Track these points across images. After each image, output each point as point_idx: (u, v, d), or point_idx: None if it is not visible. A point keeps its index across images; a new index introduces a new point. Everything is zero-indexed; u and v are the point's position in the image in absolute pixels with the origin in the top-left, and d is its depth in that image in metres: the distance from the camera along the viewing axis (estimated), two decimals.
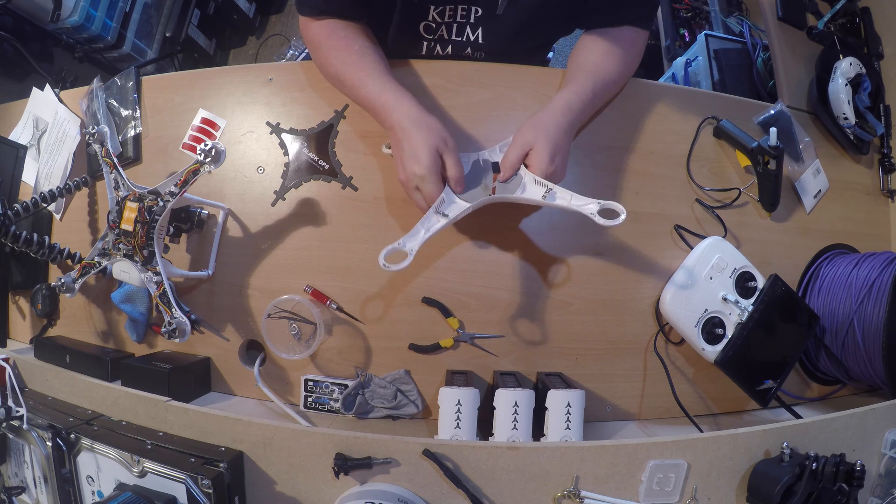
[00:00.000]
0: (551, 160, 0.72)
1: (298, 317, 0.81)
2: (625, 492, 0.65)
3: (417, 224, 0.72)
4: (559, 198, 0.72)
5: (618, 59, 0.81)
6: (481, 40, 0.85)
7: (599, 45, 0.82)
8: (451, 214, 0.73)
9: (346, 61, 0.78)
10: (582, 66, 0.81)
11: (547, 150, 0.72)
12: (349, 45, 0.79)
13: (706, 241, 0.82)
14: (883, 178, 1.01)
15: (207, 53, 2.16)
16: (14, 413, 0.74)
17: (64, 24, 1.60)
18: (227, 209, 0.85)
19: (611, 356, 0.84)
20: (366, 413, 0.80)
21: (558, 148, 0.73)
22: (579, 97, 0.76)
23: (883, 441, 0.72)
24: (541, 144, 0.73)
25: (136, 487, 0.66)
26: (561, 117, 0.74)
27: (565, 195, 0.72)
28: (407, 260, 0.70)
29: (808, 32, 1.03)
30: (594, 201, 0.70)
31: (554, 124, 0.74)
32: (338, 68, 0.78)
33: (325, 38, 0.80)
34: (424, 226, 0.72)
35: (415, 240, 0.71)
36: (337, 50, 0.79)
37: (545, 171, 0.72)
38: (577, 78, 0.79)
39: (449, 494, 0.64)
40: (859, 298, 0.82)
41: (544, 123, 0.74)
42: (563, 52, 2.32)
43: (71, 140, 0.94)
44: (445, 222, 0.72)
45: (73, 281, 0.76)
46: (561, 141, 0.74)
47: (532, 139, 0.73)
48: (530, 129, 0.74)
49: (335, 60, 0.79)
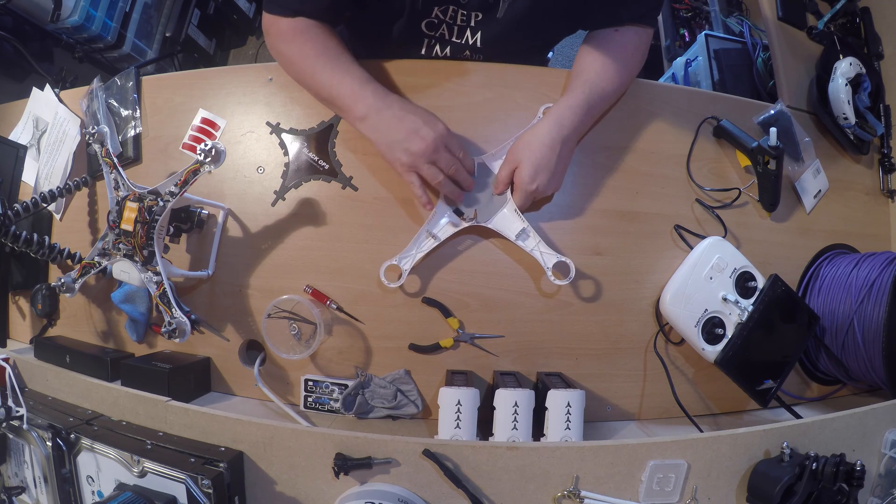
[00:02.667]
0: (531, 178, 0.75)
1: (298, 317, 0.81)
2: (625, 492, 0.65)
3: (410, 243, 0.79)
4: (529, 239, 0.79)
5: (618, 67, 0.80)
6: (480, 44, 0.85)
7: (601, 51, 0.81)
8: (442, 236, 0.79)
9: (321, 55, 0.77)
10: (580, 74, 0.80)
11: (528, 169, 0.75)
12: (326, 41, 0.77)
13: (706, 241, 0.82)
14: (883, 178, 1.01)
15: (207, 53, 2.16)
16: (14, 413, 0.74)
17: (64, 24, 1.59)
18: (227, 209, 0.85)
19: (611, 356, 0.84)
20: (366, 413, 0.80)
21: (541, 166, 0.75)
22: (572, 111, 0.77)
23: (883, 441, 0.72)
24: (524, 163, 0.76)
25: (136, 487, 0.66)
26: (547, 134, 0.76)
27: (534, 239, 0.79)
28: (402, 278, 0.78)
29: (808, 32, 1.03)
30: (555, 255, 0.78)
31: (538, 142, 0.76)
32: (314, 63, 0.77)
33: (297, 33, 0.77)
34: (416, 245, 0.79)
35: (407, 259, 0.79)
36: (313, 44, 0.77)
37: (526, 189, 0.76)
38: (573, 89, 0.79)
39: (449, 494, 0.64)
40: (859, 298, 0.82)
41: (529, 141, 0.77)
42: (564, 51, 2.32)
43: (71, 140, 0.94)
44: (434, 243, 0.79)
45: (73, 281, 0.76)
46: (545, 158, 0.75)
47: (518, 156, 0.77)
48: (518, 145, 0.78)
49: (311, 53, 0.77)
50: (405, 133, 0.73)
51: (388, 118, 0.74)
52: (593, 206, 0.84)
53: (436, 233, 0.79)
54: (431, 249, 0.79)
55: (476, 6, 0.79)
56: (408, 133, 0.73)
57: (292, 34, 0.78)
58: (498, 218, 0.79)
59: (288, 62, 0.81)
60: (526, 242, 0.79)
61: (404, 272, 0.78)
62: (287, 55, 0.80)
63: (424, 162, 0.73)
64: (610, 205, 0.84)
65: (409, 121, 0.73)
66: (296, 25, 0.77)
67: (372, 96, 0.74)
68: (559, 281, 0.77)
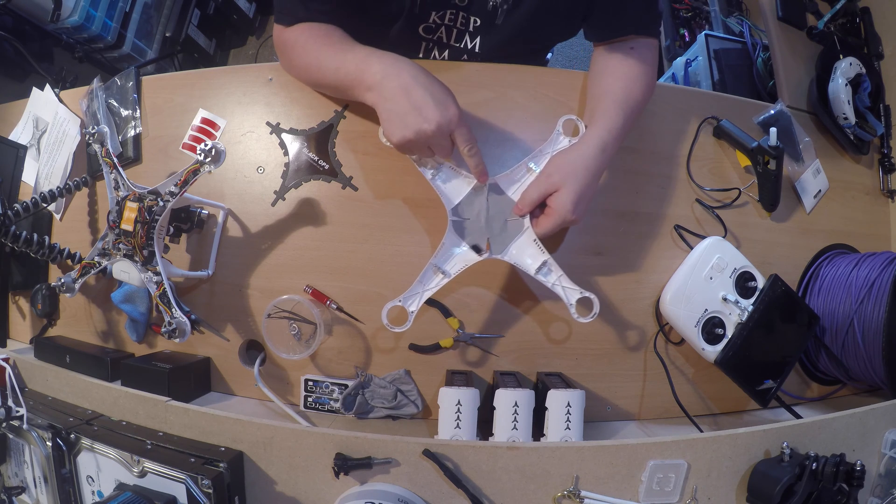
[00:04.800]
0: (575, 207, 0.68)
1: (298, 317, 0.81)
2: (625, 492, 0.65)
3: (415, 283, 0.71)
4: (552, 274, 0.71)
5: (643, 83, 0.78)
6: (478, 49, 0.85)
7: (624, 69, 0.77)
8: (452, 272, 0.71)
9: (326, 43, 0.73)
10: (609, 94, 0.76)
11: (572, 196, 0.68)
12: (329, 33, 0.75)
13: (706, 241, 0.82)
14: (883, 178, 1.01)
15: (207, 53, 2.16)
16: (14, 413, 0.74)
17: (64, 24, 1.59)
18: (227, 209, 0.85)
19: (611, 356, 0.84)
20: (366, 413, 0.80)
21: (585, 194, 0.69)
22: (612, 135, 0.72)
23: (883, 441, 0.72)
24: (568, 188, 0.68)
25: (136, 487, 0.66)
26: (593, 160, 0.70)
27: (556, 273, 0.71)
28: (408, 322, 0.70)
29: (808, 32, 1.03)
30: (578, 290, 0.71)
31: (584, 167, 0.69)
32: (318, 52, 0.73)
33: (301, 33, 0.76)
34: (423, 283, 0.71)
35: (413, 299, 0.71)
36: (316, 37, 0.74)
37: (565, 218, 0.69)
38: (608, 111, 0.74)
39: (449, 494, 0.64)
40: (859, 298, 0.82)
41: (575, 165, 0.69)
42: (564, 52, 2.32)
43: (71, 140, 0.94)
44: (444, 281, 0.70)
45: (73, 281, 0.76)
46: (590, 187, 0.69)
47: (559, 180, 0.69)
48: (559, 167, 0.70)
49: (314, 46, 0.73)
50: (408, 107, 0.64)
51: (395, 87, 0.65)
52: (593, 206, 0.84)
53: (446, 269, 0.71)
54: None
55: (474, 12, 0.79)
56: (411, 108, 0.64)
57: (295, 40, 0.77)
58: (514, 249, 0.72)
59: (296, 66, 0.80)
60: (548, 277, 0.71)
61: (410, 315, 0.70)
62: (293, 58, 0.79)
63: (422, 145, 0.66)
64: (610, 205, 0.84)
65: (416, 95, 0.64)
66: (299, 31, 0.77)
67: (379, 63, 0.66)
68: (583, 318, 0.70)
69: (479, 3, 0.78)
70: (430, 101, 0.64)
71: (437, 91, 0.65)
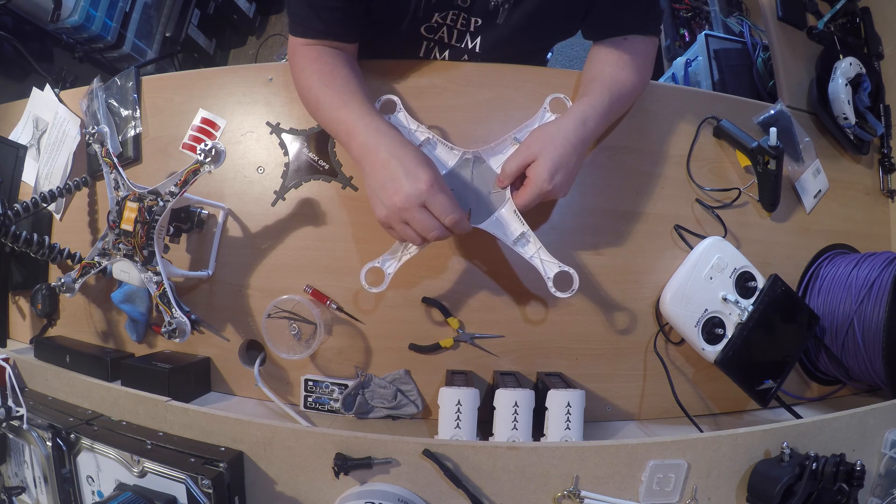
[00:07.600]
0: (551, 176, 0.68)
1: (298, 317, 0.81)
2: (625, 492, 0.65)
3: (393, 245, 0.73)
4: (529, 245, 0.72)
5: (633, 71, 0.78)
6: (479, 49, 0.85)
7: (614, 56, 0.79)
8: None
9: (328, 84, 0.74)
10: (597, 77, 0.77)
11: (548, 165, 0.68)
12: (334, 70, 0.75)
13: (706, 241, 0.82)
14: (883, 178, 1.01)
15: (207, 53, 2.16)
16: (14, 413, 0.74)
17: (64, 24, 1.60)
18: (227, 209, 0.85)
19: (611, 356, 0.84)
20: (366, 413, 0.80)
21: (562, 164, 0.68)
22: (595, 110, 0.72)
23: (883, 441, 0.72)
24: (544, 157, 0.68)
25: (136, 487, 0.66)
26: (572, 131, 0.70)
27: (535, 245, 0.72)
28: (384, 283, 0.72)
29: (808, 32, 1.03)
30: (557, 264, 0.71)
31: (562, 137, 0.69)
32: (319, 92, 0.74)
33: (311, 61, 0.76)
34: (402, 246, 0.72)
35: (391, 262, 0.73)
36: (321, 74, 0.75)
37: (541, 187, 0.68)
38: (593, 90, 0.75)
39: (449, 494, 0.64)
40: (859, 298, 0.82)
41: (552, 135, 0.70)
42: (563, 51, 2.32)
43: (71, 140, 0.94)
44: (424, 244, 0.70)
45: (73, 281, 0.76)
46: (567, 156, 0.69)
47: (537, 150, 0.69)
48: (538, 138, 0.70)
49: (318, 83, 0.75)
50: (383, 181, 0.65)
51: (373, 162, 0.67)
52: (593, 206, 0.84)
53: None
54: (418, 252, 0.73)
55: (476, 12, 0.79)
56: (385, 181, 0.65)
57: (302, 69, 0.77)
58: (494, 219, 0.72)
59: (300, 91, 0.80)
60: (525, 248, 0.72)
61: (387, 276, 0.72)
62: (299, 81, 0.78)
63: (397, 219, 0.65)
64: (610, 205, 0.84)
65: (391, 167, 0.65)
66: (307, 62, 0.77)
67: (364, 135, 0.68)
68: (560, 293, 0.70)
69: (481, 4, 0.78)
70: (400, 173, 0.64)
71: (410, 162, 0.65)
